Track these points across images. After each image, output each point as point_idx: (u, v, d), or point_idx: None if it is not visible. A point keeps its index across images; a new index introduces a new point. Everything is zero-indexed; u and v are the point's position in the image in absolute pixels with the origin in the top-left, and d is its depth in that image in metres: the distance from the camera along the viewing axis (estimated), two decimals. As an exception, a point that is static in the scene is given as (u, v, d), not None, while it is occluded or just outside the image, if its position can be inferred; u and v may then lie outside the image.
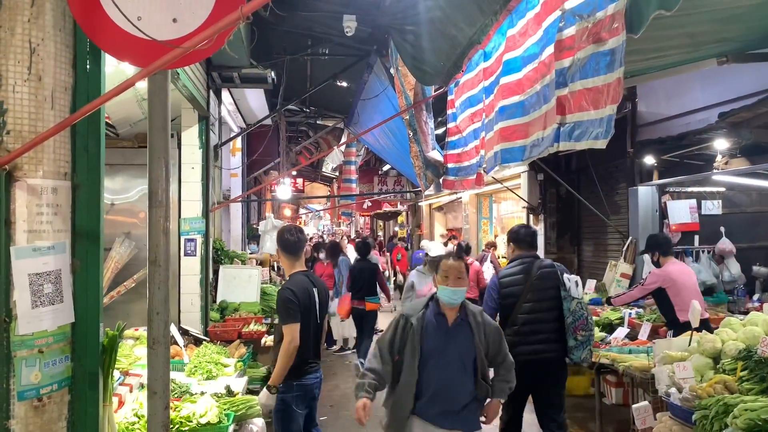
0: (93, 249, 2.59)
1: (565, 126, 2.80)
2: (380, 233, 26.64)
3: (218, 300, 6.64)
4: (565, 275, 4.13)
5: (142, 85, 4.38)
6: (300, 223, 30.70)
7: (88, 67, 2.57)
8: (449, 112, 6.09)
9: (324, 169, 19.65)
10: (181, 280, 5.85)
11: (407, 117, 6.26)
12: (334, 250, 9.71)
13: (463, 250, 8.90)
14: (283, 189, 12.65)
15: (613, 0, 2.34)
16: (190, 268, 5.89)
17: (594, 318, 6.09)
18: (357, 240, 17.04)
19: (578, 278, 4.10)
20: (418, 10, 4.36)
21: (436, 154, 6.44)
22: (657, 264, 5.35)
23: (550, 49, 3.01)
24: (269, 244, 7.74)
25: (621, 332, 5.53)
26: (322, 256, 10.28)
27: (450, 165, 6.14)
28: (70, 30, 2.55)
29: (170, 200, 2.52)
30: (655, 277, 5.19)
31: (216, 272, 6.74)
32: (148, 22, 2.33)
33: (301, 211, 32.19)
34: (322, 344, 3.95)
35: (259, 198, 11.39)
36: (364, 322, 7.95)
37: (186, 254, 5.87)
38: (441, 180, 6.41)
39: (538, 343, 3.97)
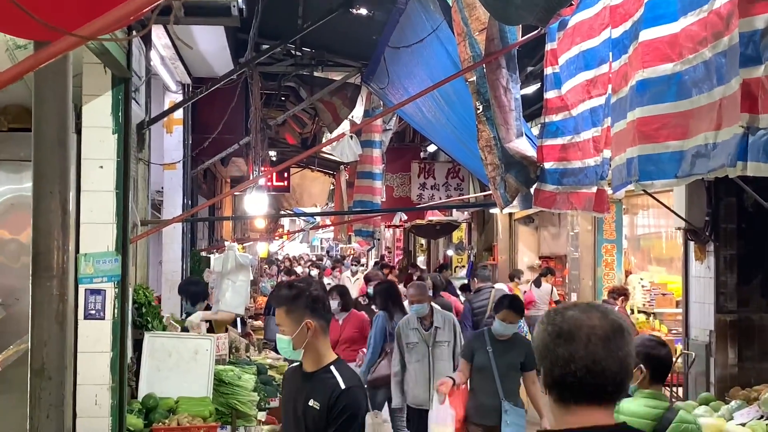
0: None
1: (758, 134, 2.79)
2: (421, 258, 26.47)
3: (141, 394, 6.60)
4: None
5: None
6: (279, 235, 30.86)
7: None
8: (548, 71, 6.13)
9: (326, 148, 19.75)
10: (78, 362, 5.83)
11: (473, 78, 6.25)
12: (392, 295, 9.60)
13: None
14: (256, 198, 12.66)
15: None
16: (95, 341, 5.91)
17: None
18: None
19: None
20: None
21: (523, 144, 6.43)
22: None
23: (728, -8, 3.02)
24: (230, 297, 7.79)
25: None
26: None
27: (548, 165, 6.13)
28: None
29: (69, 259, 2.56)
30: None
31: (138, 345, 6.77)
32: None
33: (285, 220, 32.26)
34: None
35: (214, 215, 11.56)
36: None
37: (87, 316, 5.89)
38: (532, 190, 6.43)
39: None
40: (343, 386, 4.01)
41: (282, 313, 4.13)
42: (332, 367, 4.10)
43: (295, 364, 4.41)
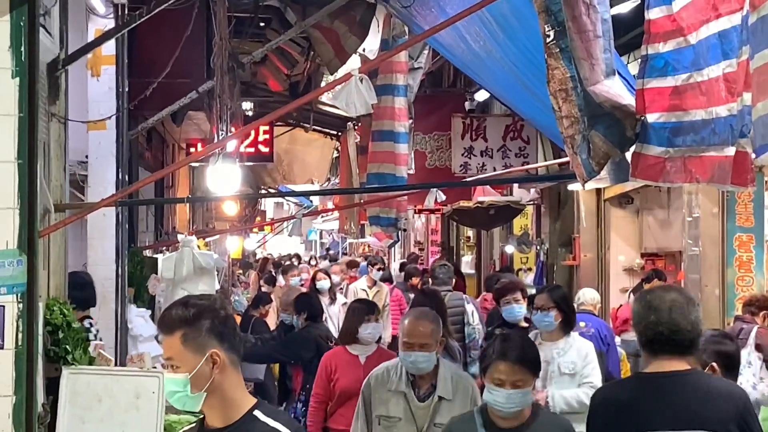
0: None
1: None
2: (467, 258, 26.61)
3: (59, 459, 6.67)
4: (468, 305, 11.89)
5: None
6: (259, 226, 30.99)
7: None
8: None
9: (325, 96, 19.91)
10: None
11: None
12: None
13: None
14: (223, 171, 12.62)
15: None
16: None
17: None
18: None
19: (474, 308, 12.01)
20: None
21: (616, 87, 6.38)
22: None
23: None
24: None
25: None
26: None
27: (653, 117, 6.06)
28: None
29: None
30: None
31: (54, 385, 6.81)
32: None
33: (268, 203, 32.27)
34: None
35: (163, 197, 12.12)
36: None
37: (-22, 344, 6.16)
38: (629, 154, 6.41)
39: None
40: None
41: (176, 341, 3.97)
42: (258, 413, 4.03)
43: (190, 425, 4.34)
